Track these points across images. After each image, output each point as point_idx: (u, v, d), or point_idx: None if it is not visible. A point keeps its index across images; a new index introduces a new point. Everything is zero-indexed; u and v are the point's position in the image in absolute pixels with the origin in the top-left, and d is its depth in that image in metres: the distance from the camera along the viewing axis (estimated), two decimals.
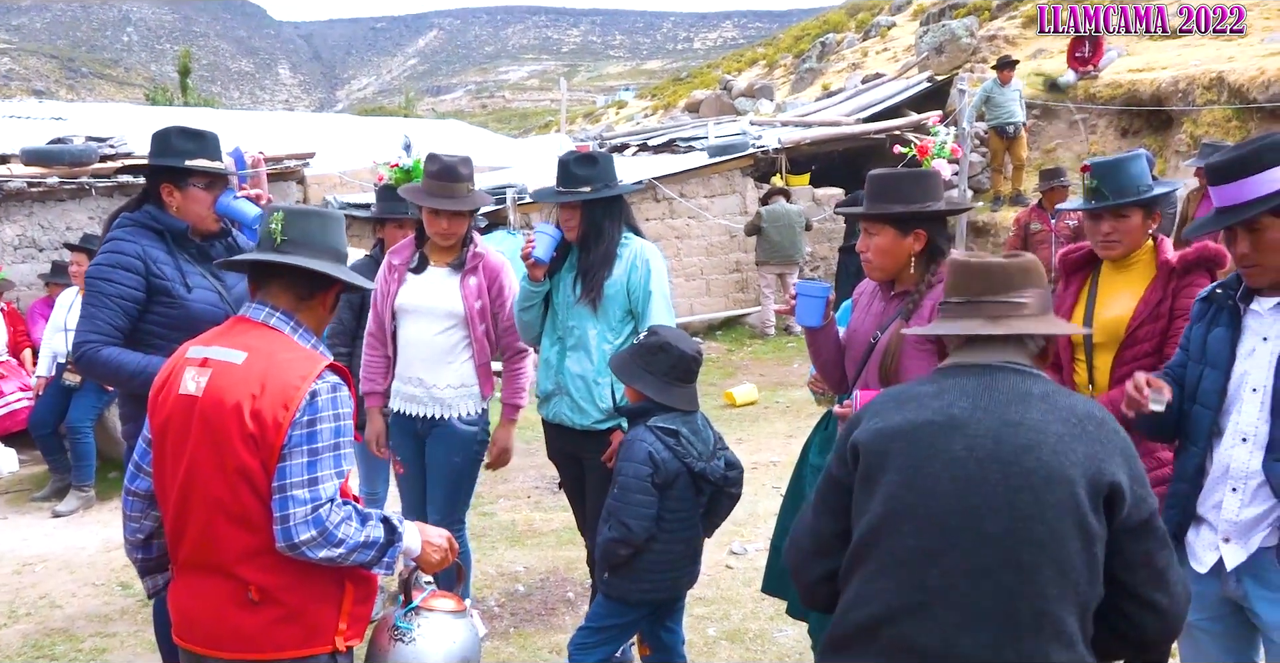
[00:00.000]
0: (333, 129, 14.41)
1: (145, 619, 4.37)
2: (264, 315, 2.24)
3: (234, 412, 2.10)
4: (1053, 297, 3.19)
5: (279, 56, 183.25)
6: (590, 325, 3.44)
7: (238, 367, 2.15)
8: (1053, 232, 7.85)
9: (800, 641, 3.87)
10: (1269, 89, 10.67)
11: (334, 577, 2.18)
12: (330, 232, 2.30)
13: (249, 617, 2.13)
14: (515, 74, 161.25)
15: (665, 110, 26.76)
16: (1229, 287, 2.43)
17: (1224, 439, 2.36)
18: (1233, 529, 2.32)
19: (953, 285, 2.04)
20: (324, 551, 2.07)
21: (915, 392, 1.95)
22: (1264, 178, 2.24)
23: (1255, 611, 2.32)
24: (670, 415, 3.09)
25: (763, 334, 10.99)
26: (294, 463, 2.08)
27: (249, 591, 2.13)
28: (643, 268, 3.43)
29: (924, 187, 2.85)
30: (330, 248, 2.29)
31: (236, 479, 2.11)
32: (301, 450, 2.08)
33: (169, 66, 65.24)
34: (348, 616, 2.20)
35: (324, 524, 2.06)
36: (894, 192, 2.80)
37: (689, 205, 11.26)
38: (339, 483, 2.13)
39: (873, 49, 21.39)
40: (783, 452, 6.57)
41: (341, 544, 2.08)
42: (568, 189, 3.38)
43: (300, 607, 2.15)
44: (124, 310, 3.05)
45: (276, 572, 2.13)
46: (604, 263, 3.41)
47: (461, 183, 3.57)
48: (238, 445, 2.09)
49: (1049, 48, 14.98)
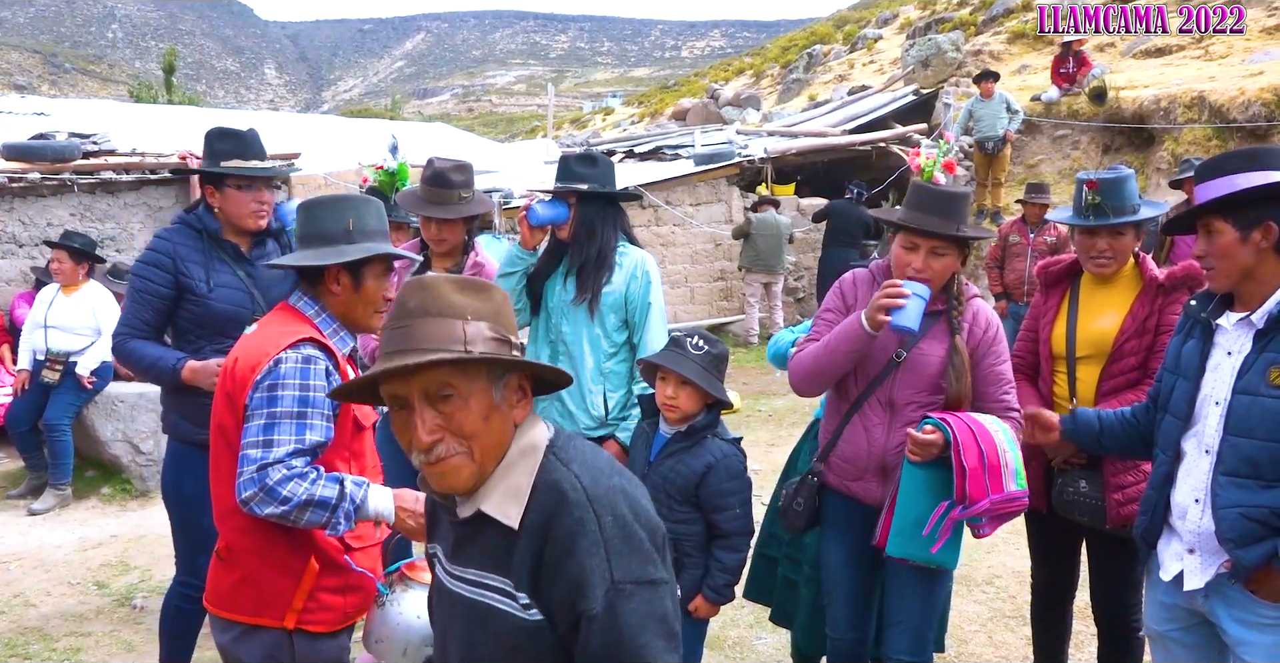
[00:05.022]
0: (318, 130, 14.35)
1: (121, 619, 4.34)
2: (294, 299, 2.39)
3: (225, 374, 2.29)
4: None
5: (265, 56, 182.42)
6: (584, 331, 3.41)
7: (246, 336, 2.38)
8: (1030, 245, 7.94)
9: (779, 648, 3.88)
10: (1248, 109, 10.83)
11: (297, 551, 2.23)
12: (316, 220, 2.36)
13: (221, 574, 2.29)
14: (502, 79, 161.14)
15: (652, 118, 26.81)
16: (1201, 301, 2.46)
17: (1191, 452, 2.40)
18: (1196, 540, 2.35)
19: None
20: (269, 507, 2.11)
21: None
22: (1229, 181, 2.30)
23: (1222, 627, 2.36)
24: (722, 426, 3.02)
25: (746, 342, 11.02)
26: (253, 424, 2.16)
27: (218, 547, 2.29)
28: (643, 279, 3.41)
29: (969, 207, 2.87)
30: (320, 234, 2.35)
31: (218, 436, 2.29)
32: (261, 413, 2.16)
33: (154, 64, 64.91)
34: (306, 595, 2.23)
35: (266, 481, 2.11)
36: (957, 211, 2.74)
37: (674, 213, 11.29)
38: (295, 448, 2.16)
39: (859, 61, 21.52)
40: (765, 460, 6.58)
41: (287, 502, 2.12)
42: (565, 183, 3.38)
43: (256, 573, 2.23)
44: (152, 306, 3.22)
45: (243, 533, 2.24)
46: (598, 265, 3.38)
47: (454, 189, 3.56)
48: (221, 404, 2.28)
49: (1033, 63, 15.13)
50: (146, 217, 7.75)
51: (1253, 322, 2.29)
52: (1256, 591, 2.26)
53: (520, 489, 1.53)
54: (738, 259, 11.11)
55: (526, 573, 1.50)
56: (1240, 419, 2.25)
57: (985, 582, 4.59)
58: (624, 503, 1.51)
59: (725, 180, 11.76)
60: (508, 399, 1.55)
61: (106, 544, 5.31)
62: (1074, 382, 3.03)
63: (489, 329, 1.52)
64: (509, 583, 1.53)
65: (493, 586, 1.55)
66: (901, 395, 2.77)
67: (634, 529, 1.49)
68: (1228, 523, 2.25)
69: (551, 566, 1.48)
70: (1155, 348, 2.90)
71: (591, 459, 1.57)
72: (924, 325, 2.72)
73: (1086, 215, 2.99)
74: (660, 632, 1.47)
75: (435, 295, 1.53)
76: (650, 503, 1.58)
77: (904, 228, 2.74)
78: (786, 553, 3.47)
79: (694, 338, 2.93)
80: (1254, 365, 2.25)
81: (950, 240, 2.71)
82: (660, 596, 1.49)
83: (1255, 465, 2.22)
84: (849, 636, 2.97)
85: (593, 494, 1.49)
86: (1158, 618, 2.54)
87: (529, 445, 1.56)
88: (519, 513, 1.51)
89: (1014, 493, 2.61)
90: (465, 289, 1.55)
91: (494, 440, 1.53)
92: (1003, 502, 2.60)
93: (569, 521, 1.47)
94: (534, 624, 1.50)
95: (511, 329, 1.58)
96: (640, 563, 1.48)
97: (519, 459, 1.55)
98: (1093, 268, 3.05)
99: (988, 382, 2.77)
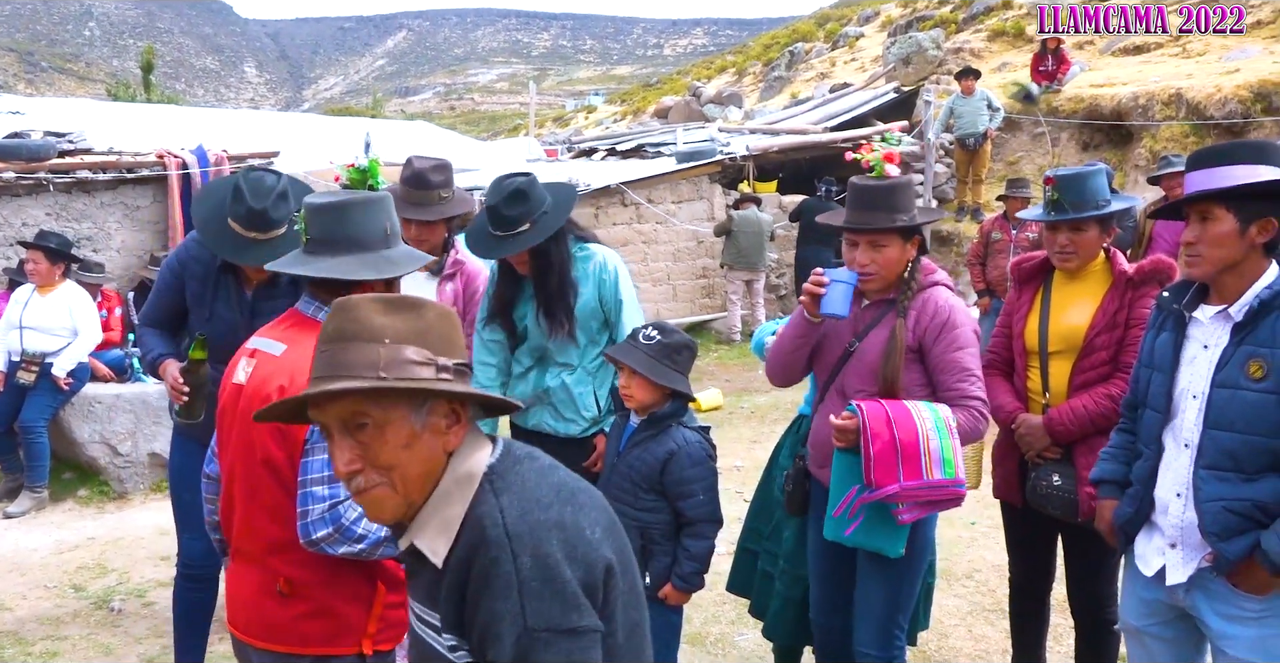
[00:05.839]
0: (299, 128, 14.24)
1: (98, 622, 4.30)
2: (312, 310, 2.22)
3: (264, 402, 2.07)
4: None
5: (245, 54, 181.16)
6: (570, 345, 3.38)
7: (276, 358, 2.16)
8: (1012, 242, 7.97)
9: (761, 644, 3.89)
10: (1225, 106, 10.92)
11: (365, 576, 2.15)
12: (353, 222, 2.19)
13: (279, 609, 2.12)
14: (484, 77, 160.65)
15: (634, 116, 26.77)
16: (1175, 293, 2.46)
17: (1169, 445, 2.41)
18: (1179, 535, 2.37)
19: None
20: (343, 547, 2.05)
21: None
22: (1228, 171, 2.28)
23: (1204, 621, 2.37)
24: (689, 415, 3.05)
25: (729, 340, 11.04)
26: (315, 459, 2.05)
27: (279, 582, 2.12)
28: (610, 278, 3.37)
29: (912, 194, 2.88)
30: (355, 240, 2.18)
31: (264, 471, 2.12)
32: (323, 446, 2.03)
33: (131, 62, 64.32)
34: (379, 619, 2.16)
35: (340, 521, 2.03)
36: (895, 201, 2.79)
37: (656, 211, 11.28)
38: None
39: (841, 59, 21.55)
40: (747, 457, 6.60)
41: (362, 540, 2.06)
42: (506, 233, 3.22)
43: (328, 604, 2.12)
44: (161, 302, 3.37)
45: (305, 566, 2.11)
46: (562, 293, 3.30)
47: (433, 190, 3.51)
48: (266, 437, 2.10)
49: (1013, 61, 15.21)
50: (124, 216, 7.68)
51: (1231, 314, 2.29)
52: (1239, 584, 2.28)
53: (451, 522, 1.45)
54: (720, 256, 11.12)
55: (451, 612, 1.44)
56: (1220, 412, 2.26)
57: (965, 576, 4.61)
58: (554, 540, 1.40)
59: (707, 178, 11.76)
60: (433, 426, 1.46)
61: (84, 547, 5.26)
62: (1046, 377, 3.05)
63: (413, 353, 1.44)
64: (438, 620, 1.47)
65: (429, 622, 1.50)
66: (850, 384, 2.82)
67: (558, 571, 1.38)
68: (1210, 517, 2.26)
69: (470, 607, 1.40)
70: (1126, 342, 2.92)
71: (532, 488, 1.46)
72: (876, 315, 2.82)
73: (1049, 211, 3.02)
74: None
75: (355, 318, 1.46)
76: (603, 531, 1.47)
77: (837, 229, 2.85)
78: (765, 547, 3.50)
79: (648, 328, 2.98)
80: (1232, 358, 2.25)
81: (888, 232, 2.75)
82: (583, 645, 1.38)
83: (1235, 459, 2.23)
84: (827, 621, 3.04)
85: (514, 531, 1.39)
86: (1135, 613, 2.54)
87: (464, 474, 1.47)
88: (445, 549, 1.44)
89: (938, 481, 2.58)
90: (391, 309, 1.47)
91: (417, 470, 1.45)
92: (921, 489, 2.58)
93: (485, 560, 1.39)
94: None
95: (447, 349, 1.49)
96: (561, 610, 1.36)
97: (453, 489, 1.46)
98: (1057, 262, 3.08)
99: (939, 370, 2.76)
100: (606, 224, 10.95)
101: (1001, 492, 3.23)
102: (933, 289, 2.83)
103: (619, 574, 1.47)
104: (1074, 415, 2.95)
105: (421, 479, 1.46)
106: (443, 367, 1.46)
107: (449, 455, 1.48)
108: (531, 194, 3.22)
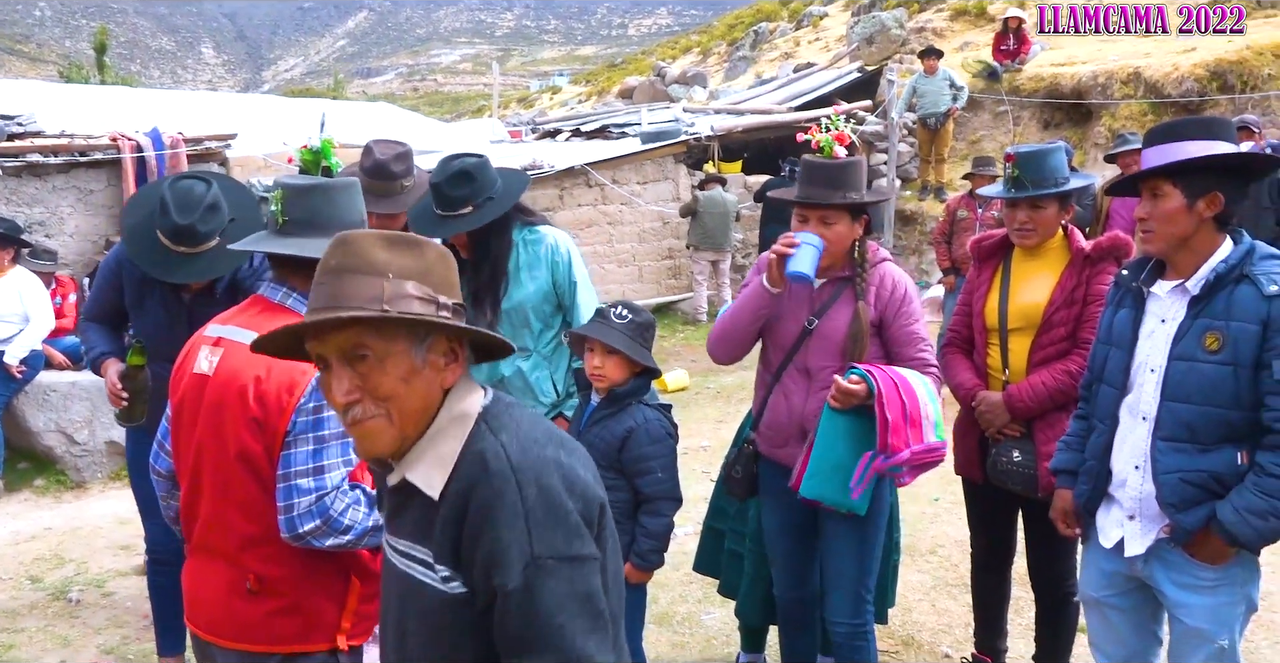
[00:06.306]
0: (257, 110, 14.00)
1: (56, 614, 4.24)
2: (280, 296, 2.16)
3: (239, 394, 2.04)
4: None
5: (202, 35, 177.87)
6: (521, 329, 3.30)
7: (247, 348, 2.10)
8: (978, 220, 8.02)
9: (727, 622, 3.91)
10: (1182, 84, 11.06)
11: (338, 571, 2.12)
12: (337, 205, 2.18)
13: (248, 607, 2.08)
14: (448, 58, 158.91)
15: (599, 96, 26.62)
16: (1133, 270, 2.50)
17: (1126, 419, 2.44)
18: (1137, 507, 2.41)
19: None
20: (331, 539, 2.02)
21: None
22: (1179, 147, 2.32)
23: (1161, 590, 2.42)
24: (651, 393, 3.05)
25: (695, 320, 11.04)
26: (299, 451, 2.01)
27: (248, 580, 2.07)
28: (565, 261, 3.28)
29: (862, 173, 2.89)
30: (338, 222, 2.14)
31: (238, 465, 2.05)
32: (307, 437, 2.01)
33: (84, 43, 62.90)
34: (352, 613, 2.13)
35: (328, 513, 2.01)
36: (845, 179, 2.82)
37: (621, 192, 11.24)
38: (346, 472, 2.06)
39: (805, 38, 21.52)
40: (713, 437, 6.62)
41: (349, 531, 2.03)
42: (447, 213, 3.12)
43: (300, 601, 2.09)
44: (101, 298, 3.35)
45: (277, 563, 2.07)
46: (493, 284, 3.21)
47: (395, 181, 3.43)
48: (241, 430, 2.03)
49: (976, 40, 15.26)
50: (77, 200, 7.52)
51: (1187, 289, 2.34)
52: (1195, 553, 2.33)
53: (446, 458, 1.47)
54: (685, 237, 11.11)
55: (447, 544, 1.45)
56: (1177, 385, 2.30)
57: (929, 552, 4.66)
58: (554, 473, 1.44)
59: (672, 158, 11.72)
60: (432, 362, 1.48)
61: (40, 537, 5.18)
62: (1006, 354, 3.08)
63: (414, 288, 1.45)
64: (430, 554, 1.48)
65: (417, 557, 1.51)
66: (815, 362, 2.85)
67: (560, 501, 1.42)
68: (1168, 488, 2.30)
69: (470, 537, 1.42)
70: (1084, 318, 2.95)
71: (527, 429, 1.50)
72: (832, 293, 2.85)
73: (1009, 188, 3.04)
74: (582, 612, 1.40)
75: (357, 252, 1.46)
76: (590, 474, 1.51)
77: (788, 203, 2.90)
78: (732, 527, 3.51)
79: (618, 307, 2.96)
80: (1189, 332, 2.30)
81: (837, 209, 2.79)
82: (585, 573, 1.42)
83: (1192, 430, 2.28)
84: (791, 594, 3.12)
85: (517, 464, 1.43)
86: (1094, 585, 2.59)
87: (460, 413, 1.50)
88: (442, 482, 1.46)
89: (934, 444, 2.68)
90: (392, 246, 1.48)
91: (415, 404, 1.47)
92: (923, 452, 2.67)
93: (488, 491, 1.41)
94: (454, 598, 1.45)
95: (446, 289, 1.51)
96: (565, 537, 1.41)
97: (448, 426, 1.49)
98: (1016, 240, 3.10)
99: (900, 342, 2.84)
100: (571, 205, 10.90)
101: (963, 468, 3.26)
102: (884, 265, 2.91)
103: (608, 515, 1.51)
104: (1033, 392, 2.98)
105: (418, 414, 1.48)
106: (443, 304, 1.49)
107: (445, 393, 1.51)
108: (478, 177, 3.13)
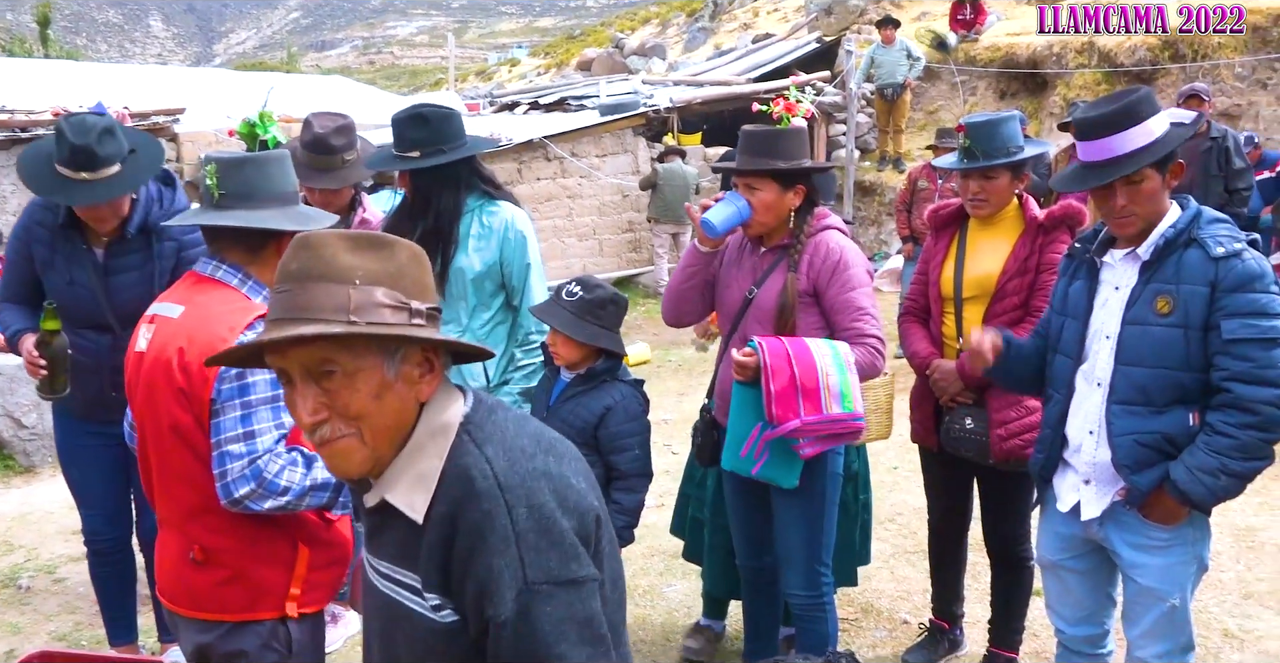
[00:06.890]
0: (208, 85, 13.72)
1: (5, 601, 4.17)
2: (211, 269, 2.17)
3: (165, 367, 2.06)
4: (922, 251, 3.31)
5: (149, 7, 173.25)
6: (459, 300, 3.10)
7: (174, 321, 2.11)
8: (938, 190, 8.08)
9: (689, 594, 3.94)
10: (1134, 54, 11.20)
11: (285, 539, 2.13)
12: (271, 177, 2.17)
13: (196, 576, 2.11)
14: (404, 30, 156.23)
15: (557, 69, 26.34)
16: (1086, 241, 2.53)
17: (1081, 386, 2.48)
18: (1092, 471, 2.45)
19: None
20: (269, 501, 2.02)
21: None
22: (1140, 130, 2.31)
23: (1116, 551, 2.47)
24: (623, 369, 3.02)
25: (655, 294, 11.04)
26: (227, 418, 2.01)
27: (192, 551, 2.10)
28: (517, 240, 3.08)
29: (800, 142, 2.89)
30: (274, 194, 2.16)
31: (172, 437, 2.08)
32: (234, 404, 2.01)
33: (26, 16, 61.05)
34: (301, 580, 2.14)
35: (261, 475, 2.01)
36: (774, 147, 2.82)
37: (580, 165, 11.16)
38: (280, 434, 2.05)
39: (764, 9, 21.40)
40: (675, 410, 6.64)
41: (287, 492, 2.03)
42: (399, 153, 3.01)
43: (245, 570, 2.10)
44: (14, 275, 3.17)
45: (221, 533, 2.09)
46: (435, 239, 2.98)
47: (335, 155, 3.40)
48: (170, 402, 2.06)
49: (933, 10, 15.28)
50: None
51: (1139, 254, 2.37)
52: (1149, 514, 2.38)
53: (428, 477, 1.35)
54: (645, 210, 11.08)
55: (435, 571, 1.35)
56: (1131, 349, 2.34)
57: (888, 520, 4.72)
58: (546, 489, 1.33)
59: (631, 131, 11.66)
60: (406, 375, 1.36)
61: None
62: (960, 322, 3.10)
63: (384, 295, 1.32)
64: (417, 581, 1.38)
65: (403, 582, 1.41)
66: (752, 332, 2.85)
67: (554, 521, 1.32)
68: (1123, 450, 2.35)
69: (460, 564, 1.32)
70: (1037, 286, 2.98)
71: (513, 437, 1.39)
72: (771, 262, 2.88)
73: (962, 159, 3.05)
74: (582, 638, 1.31)
75: (320, 256, 1.33)
76: (585, 480, 1.42)
77: (723, 170, 3.02)
78: (695, 493, 3.56)
79: (571, 284, 2.93)
80: (1141, 296, 2.33)
81: (760, 175, 2.80)
82: (584, 596, 1.33)
83: (1145, 393, 2.32)
84: (751, 564, 3.15)
85: (505, 482, 1.32)
86: (1051, 548, 2.64)
87: (439, 426, 1.38)
88: (425, 504, 1.35)
89: (836, 415, 2.65)
90: (359, 248, 1.35)
91: (389, 422, 1.35)
92: (822, 423, 2.65)
93: (476, 514, 1.31)
94: (446, 627, 1.36)
95: (419, 293, 1.38)
96: (560, 560, 1.31)
97: (428, 441, 1.37)
98: (970, 210, 3.12)
99: (834, 311, 2.81)
100: (530, 179, 10.81)
101: (918, 436, 3.29)
102: (823, 234, 2.87)
103: (605, 524, 1.42)
104: (961, 371, 3.01)
105: (392, 431, 1.36)
106: (416, 311, 1.35)
107: (421, 406, 1.39)
108: (433, 123, 2.97)
